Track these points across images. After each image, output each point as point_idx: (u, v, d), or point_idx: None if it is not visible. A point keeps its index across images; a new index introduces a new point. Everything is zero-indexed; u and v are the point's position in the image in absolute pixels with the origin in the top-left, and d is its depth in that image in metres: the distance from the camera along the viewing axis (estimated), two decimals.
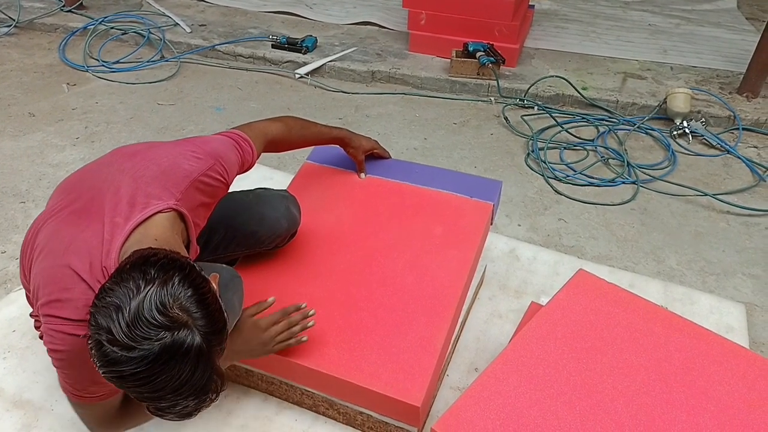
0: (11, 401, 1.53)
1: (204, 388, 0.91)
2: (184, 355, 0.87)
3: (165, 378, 0.86)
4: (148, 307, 0.85)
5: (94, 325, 0.87)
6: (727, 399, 1.15)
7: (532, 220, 2.46)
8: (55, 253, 1.06)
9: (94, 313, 0.87)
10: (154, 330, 0.85)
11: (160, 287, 0.87)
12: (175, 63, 3.81)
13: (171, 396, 0.89)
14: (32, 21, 4.25)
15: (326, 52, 3.82)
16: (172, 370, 0.86)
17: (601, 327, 1.29)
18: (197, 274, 0.93)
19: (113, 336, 0.84)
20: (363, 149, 1.75)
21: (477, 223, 1.65)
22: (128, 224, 1.05)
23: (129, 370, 0.85)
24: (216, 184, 1.23)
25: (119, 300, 0.86)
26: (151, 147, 1.22)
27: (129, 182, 1.11)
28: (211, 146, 1.25)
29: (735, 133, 3.14)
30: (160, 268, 0.90)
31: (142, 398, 0.89)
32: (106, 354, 0.85)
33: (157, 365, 0.85)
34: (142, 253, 0.93)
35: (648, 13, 4.61)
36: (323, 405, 1.47)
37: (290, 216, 1.54)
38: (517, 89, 3.42)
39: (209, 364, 0.91)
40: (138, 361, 0.84)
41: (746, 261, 2.26)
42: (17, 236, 2.28)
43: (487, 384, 1.17)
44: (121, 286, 0.87)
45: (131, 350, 0.84)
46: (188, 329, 0.88)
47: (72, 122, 3.13)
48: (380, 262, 1.56)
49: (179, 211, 1.12)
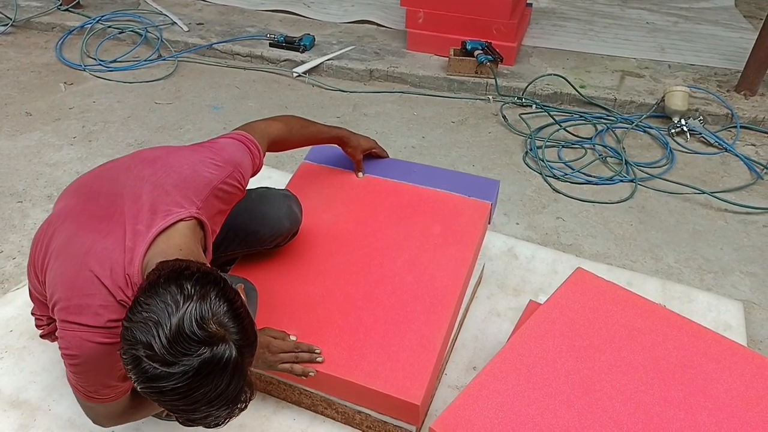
0: (8, 401, 1.52)
1: (236, 399, 0.92)
2: (223, 369, 0.88)
3: (203, 392, 0.87)
4: (189, 322, 0.86)
5: (130, 340, 0.87)
6: (725, 396, 1.16)
7: (531, 218, 2.46)
8: (75, 257, 1.06)
9: (130, 327, 0.87)
10: (195, 346, 0.86)
11: (199, 302, 0.88)
12: (172, 62, 3.80)
13: (205, 408, 0.89)
14: (29, 20, 4.24)
15: (324, 50, 3.81)
16: (211, 383, 0.87)
17: (599, 325, 1.29)
18: (230, 288, 0.94)
19: (154, 352, 0.85)
20: (361, 149, 1.75)
21: (475, 222, 1.65)
22: (150, 232, 1.06)
23: (169, 386, 0.86)
24: (233, 191, 1.24)
25: (157, 315, 0.86)
26: (170, 153, 1.22)
27: (150, 189, 1.12)
28: (228, 152, 1.26)
29: (733, 131, 3.14)
30: (196, 283, 0.90)
31: (177, 410, 0.90)
32: (146, 370, 0.86)
33: (197, 380, 0.86)
34: (174, 266, 0.93)
35: (646, 11, 4.61)
36: (322, 404, 1.47)
37: (292, 215, 1.54)
38: (515, 87, 3.42)
39: (243, 375, 0.92)
40: (179, 376, 0.85)
41: (744, 259, 2.26)
42: (14, 236, 2.27)
43: (486, 382, 1.17)
44: (158, 300, 0.88)
45: (172, 366, 0.85)
46: (225, 343, 0.88)
47: (69, 121, 3.12)
48: (379, 262, 1.56)
49: (200, 219, 1.13)
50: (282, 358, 1.32)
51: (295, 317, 1.44)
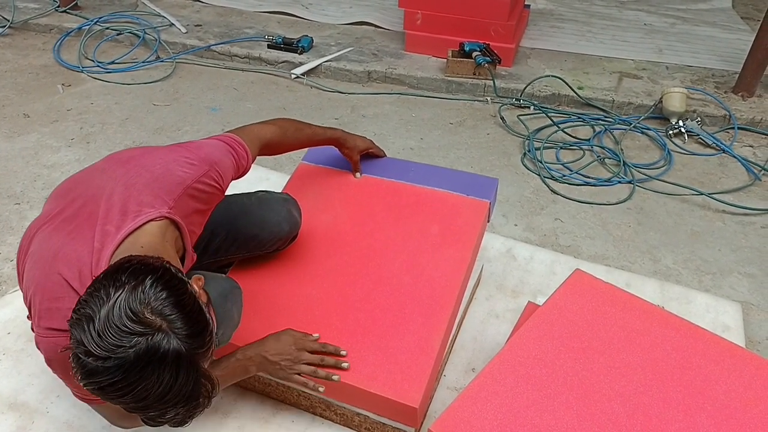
0: (6, 404, 1.52)
1: (192, 394, 0.88)
2: (161, 360, 0.84)
3: (145, 386, 0.84)
4: (117, 314, 0.83)
5: (72, 339, 0.85)
6: (723, 398, 1.16)
7: (529, 219, 2.46)
8: (45, 260, 1.05)
9: (71, 326, 0.85)
10: (126, 337, 0.82)
11: (130, 292, 0.85)
12: (170, 63, 3.80)
13: (157, 404, 0.86)
14: (27, 21, 4.23)
15: (322, 52, 3.81)
16: (151, 377, 0.84)
17: (597, 326, 1.29)
18: (172, 275, 0.91)
19: (87, 347, 0.82)
20: (358, 149, 1.74)
21: (473, 221, 1.64)
22: (119, 233, 1.04)
23: (106, 381, 0.83)
24: (210, 190, 1.21)
25: (91, 310, 0.84)
26: (144, 153, 1.20)
27: (121, 190, 1.10)
28: (205, 151, 1.23)
29: (730, 132, 3.15)
30: (130, 274, 0.87)
31: (129, 408, 0.87)
32: (84, 366, 0.83)
33: (133, 373, 0.83)
34: (118, 262, 0.91)
35: (643, 13, 4.62)
36: (320, 406, 1.46)
37: (292, 219, 1.53)
38: (513, 89, 3.42)
39: (193, 369, 0.88)
40: (114, 370, 0.82)
41: (742, 260, 2.26)
42: (12, 238, 2.27)
43: (485, 384, 1.17)
44: (92, 296, 0.85)
45: (106, 360, 0.82)
46: (163, 333, 0.85)
47: (67, 123, 3.12)
48: (377, 262, 1.55)
49: (172, 219, 1.11)
50: (306, 357, 1.31)
51: (292, 319, 1.43)
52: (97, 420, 1.49)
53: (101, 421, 1.48)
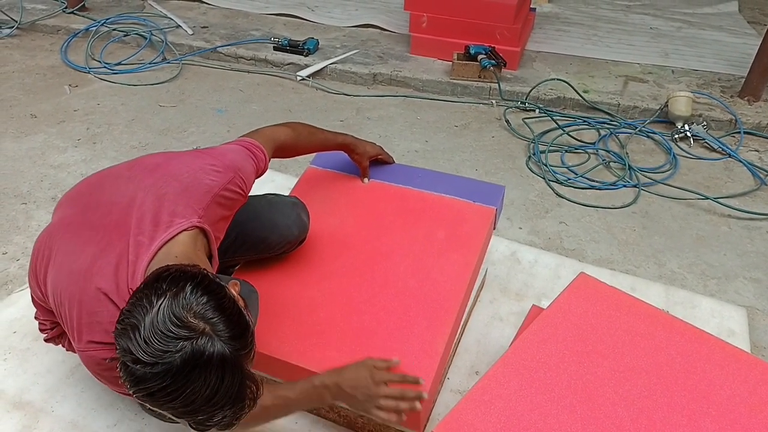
0: (11, 402, 1.53)
1: (238, 396, 0.89)
2: (207, 363, 0.85)
3: (193, 389, 0.85)
4: (162, 320, 0.85)
5: (118, 349, 0.87)
6: (728, 403, 1.15)
7: (533, 223, 2.46)
8: (79, 274, 1.06)
9: (116, 337, 0.87)
10: (172, 342, 0.84)
11: (172, 299, 0.87)
12: (176, 65, 3.81)
13: (206, 408, 0.87)
14: (34, 22, 4.26)
15: (328, 54, 3.82)
16: (198, 380, 0.85)
17: (602, 330, 1.29)
18: (210, 281, 0.92)
19: (135, 355, 0.84)
20: (368, 155, 1.75)
21: (480, 227, 1.64)
22: (153, 244, 1.06)
23: (156, 386, 0.84)
24: (235, 197, 1.24)
25: (135, 320, 0.86)
26: (170, 159, 1.22)
27: (152, 200, 1.11)
28: (229, 158, 1.25)
29: (736, 136, 3.14)
30: (170, 282, 0.89)
31: (178, 414, 0.88)
32: (133, 374, 0.85)
33: (181, 377, 0.84)
34: (156, 272, 0.93)
35: (649, 17, 4.61)
36: (323, 407, 1.46)
37: (300, 223, 1.54)
38: (518, 92, 3.42)
39: (238, 370, 0.89)
40: (162, 375, 0.84)
41: (747, 265, 2.26)
42: (18, 237, 2.28)
43: (488, 387, 1.17)
44: (135, 305, 0.87)
45: (154, 366, 0.84)
46: (207, 337, 0.86)
47: (74, 124, 3.14)
48: (382, 266, 1.55)
49: (202, 228, 1.13)
50: (384, 391, 1.22)
51: (297, 321, 1.43)
52: (102, 419, 1.50)
53: (106, 420, 1.49)
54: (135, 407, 1.52)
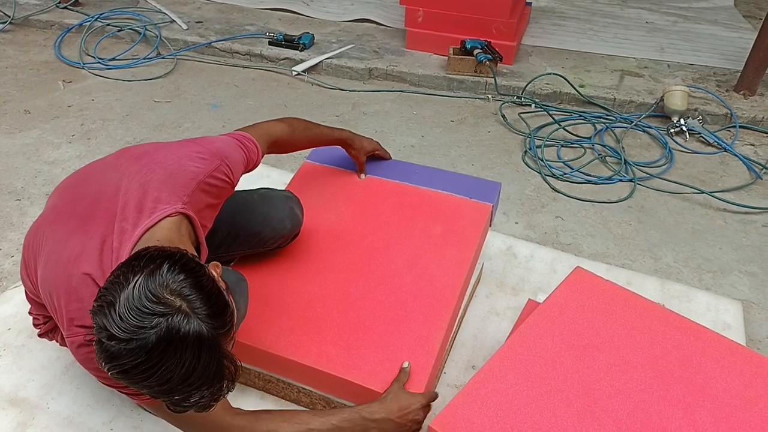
0: (7, 399, 1.52)
1: (216, 376, 0.88)
2: (183, 340, 0.84)
3: (168, 367, 0.84)
4: (137, 296, 0.84)
5: (95, 326, 0.86)
6: (723, 396, 1.16)
7: (530, 217, 2.46)
8: (67, 262, 1.06)
9: (93, 315, 0.86)
10: (147, 318, 0.83)
11: (148, 276, 0.86)
12: (171, 60, 3.79)
13: (182, 387, 0.86)
14: (27, 18, 4.23)
15: (323, 49, 3.81)
16: (173, 357, 0.84)
17: (598, 324, 1.29)
18: (189, 259, 0.91)
19: (110, 331, 0.83)
20: (365, 150, 1.75)
21: (476, 223, 1.64)
22: (136, 230, 1.05)
23: (130, 363, 0.83)
24: (221, 185, 1.22)
25: (111, 296, 0.85)
26: (157, 149, 1.21)
27: (136, 187, 1.11)
28: (216, 146, 1.25)
29: (732, 130, 3.14)
30: (148, 260, 0.89)
31: (154, 394, 0.87)
32: (107, 350, 0.84)
33: (155, 353, 0.83)
34: (136, 252, 0.93)
35: (645, 11, 4.61)
36: (320, 403, 1.46)
37: (294, 217, 1.54)
38: (514, 87, 3.42)
39: (215, 350, 0.88)
40: (137, 351, 0.82)
41: (743, 258, 2.26)
42: (13, 234, 2.27)
43: (485, 381, 1.17)
44: (112, 283, 0.87)
45: (129, 342, 0.83)
46: (183, 314, 0.85)
47: (68, 119, 3.12)
48: (379, 261, 1.55)
49: (186, 214, 1.12)
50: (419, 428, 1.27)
51: (294, 316, 1.43)
52: (98, 416, 1.49)
53: (102, 416, 1.49)
54: (131, 404, 1.52)
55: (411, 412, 1.24)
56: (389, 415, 1.23)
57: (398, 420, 1.23)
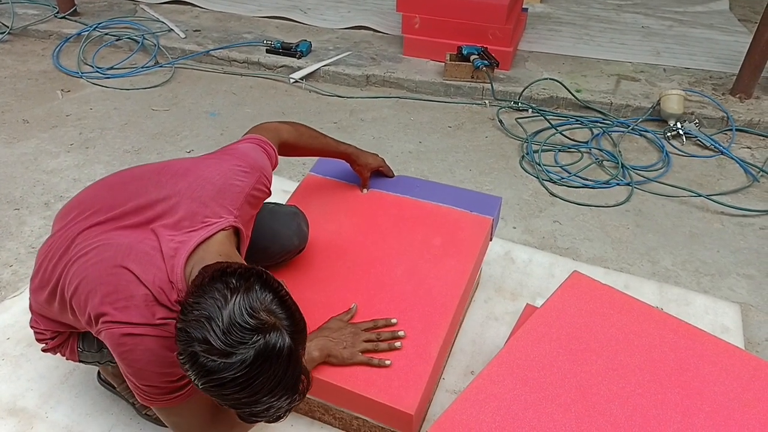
0: (5, 409, 1.52)
1: (294, 387, 0.95)
2: (278, 355, 0.90)
3: (262, 380, 0.90)
4: (239, 313, 0.89)
5: (185, 339, 0.90)
6: (722, 399, 1.16)
7: (527, 222, 2.46)
8: (110, 260, 1.07)
9: (184, 327, 0.90)
10: (249, 334, 0.89)
11: (246, 294, 0.91)
12: (169, 68, 3.80)
13: (267, 398, 0.92)
14: (26, 28, 4.24)
15: (321, 56, 3.82)
16: (269, 371, 0.90)
17: (596, 328, 1.29)
18: (272, 278, 0.97)
19: (210, 345, 0.88)
20: (369, 167, 1.76)
21: (476, 236, 1.65)
22: (192, 241, 1.09)
23: (229, 377, 0.88)
24: (262, 195, 1.29)
25: (209, 311, 0.89)
26: (199, 164, 1.25)
27: (188, 202, 1.14)
28: (253, 158, 1.30)
29: (728, 134, 3.15)
30: (240, 277, 0.94)
31: (239, 404, 0.92)
32: (204, 365, 0.88)
33: (254, 368, 0.88)
34: (217, 267, 0.96)
35: (641, 15, 4.63)
36: (318, 410, 1.46)
37: (301, 234, 1.56)
38: (511, 92, 3.43)
39: (298, 362, 0.95)
40: (237, 366, 0.88)
41: (741, 261, 2.26)
42: (11, 243, 2.27)
43: (483, 387, 1.17)
44: (206, 298, 0.91)
45: (229, 356, 0.88)
46: (277, 330, 0.91)
47: (66, 128, 3.12)
48: (378, 270, 1.56)
49: (236, 227, 1.17)
50: (364, 335, 1.35)
51: None
52: (97, 425, 1.49)
53: (101, 425, 1.49)
54: (130, 412, 1.52)
55: (342, 333, 1.35)
56: (322, 337, 1.34)
57: (335, 340, 1.34)
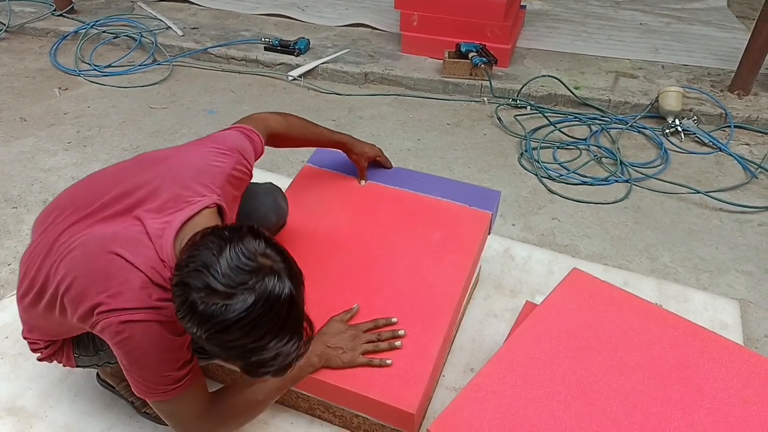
0: (4, 408, 1.52)
1: (299, 330, 0.96)
2: (279, 295, 0.91)
3: (266, 321, 0.90)
4: (236, 256, 0.91)
5: (182, 292, 0.91)
6: (721, 396, 1.16)
7: (526, 219, 2.46)
8: (97, 250, 1.07)
9: (181, 280, 0.91)
10: (248, 275, 0.90)
11: (240, 241, 0.93)
12: (167, 66, 3.79)
13: (273, 342, 0.92)
14: (23, 25, 4.23)
15: (319, 54, 3.81)
16: (271, 311, 0.91)
17: (595, 325, 1.29)
18: (262, 231, 0.99)
19: (210, 290, 0.89)
20: (366, 156, 1.74)
21: (475, 231, 1.64)
22: (177, 220, 1.10)
23: (233, 318, 0.88)
24: (243, 176, 1.29)
25: (205, 260, 0.91)
26: (178, 150, 1.27)
27: (170, 185, 1.15)
28: (231, 141, 1.31)
29: (727, 130, 3.15)
30: (231, 230, 0.96)
31: (245, 353, 0.92)
32: (205, 311, 0.89)
33: (257, 308, 0.89)
34: (207, 228, 0.98)
35: (639, 12, 4.63)
36: (319, 408, 1.46)
37: (279, 210, 1.56)
38: (509, 89, 3.43)
39: (299, 305, 0.96)
40: (241, 306, 0.89)
41: (739, 258, 2.27)
42: (9, 242, 2.26)
43: (483, 384, 1.17)
44: (201, 250, 0.92)
45: (230, 298, 0.89)
46: (276, 273, 0.93)
47: (64, 127, 3.12)
48: (377, 267, 1.55)
49: (220, 206, 1.18)
50: (364, 337, 1.35)
51: None
52: (96, 423, 1.49)
53: (100, 424, 1.49)
54: (129, 411, 1.51)
55: (342, 337, 1.34)
56: (321, 344, 1.32)
57: (333, 345, 1.33)
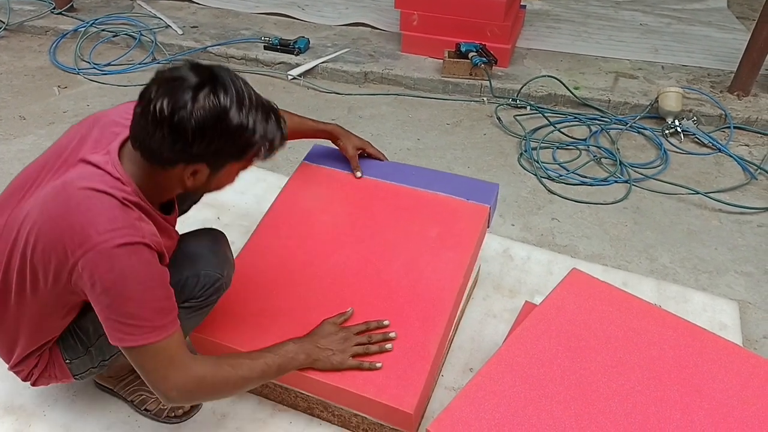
0: (3, 407, 1.51)
1: (271, 107, 1.12)
2: (234, 74, 1.07)
3: (234, 89, 1.03)
4: (190, 66, 1.06)
5: (148, 99, 1.05)
6: (720, 396, 1.16)
7: (526, 219, 2.46)
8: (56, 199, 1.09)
9: (157, 88, 1.05)
10: (204, 69, 1.05)
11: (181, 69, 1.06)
12: (166, 65, 3.78)
13: (251, 115, 1.05)
14: (22, 23, 4.22)
15: (319, 53, 3.81)
16: (235, 82, 1.05)
17: (594, 326, 1.29)
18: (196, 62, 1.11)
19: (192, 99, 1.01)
20: (353, 143, 1.75)
21: (473, 225, 1.64)
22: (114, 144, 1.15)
23: (227, 83, 1.03)
24: None
25: (167, 84, 1.04)
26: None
27: (95, 132, 1.21)
28: None
29: (726, 131, 3.15)
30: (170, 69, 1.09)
31: (236, 137, 1.05)
32: (179, 99, 1.02)
33: (220, 80, 1.03)
34: None
35: (639, 13, 4.63)
36: (318, 407, 1.46)
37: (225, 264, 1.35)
38: (509, 89, 3.43)
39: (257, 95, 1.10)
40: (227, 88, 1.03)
41: (739, 258, 2.27)
42: None
43: (482, 384, 1.17)
44: (157, 81, 1.08)
45: (211, 95, 1.02)
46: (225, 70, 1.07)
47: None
48: (375, 265, 1.55)
49: None
50: (355, 339, 1.36)
51: (288, 320, 1.43)
52: (95, 423, 1.49)
53: (99, 423, 1.49)
54: (128, 410, 1.51)
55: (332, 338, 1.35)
56: (310, 343, 1.33)
57: (323, 346, 1.33)
